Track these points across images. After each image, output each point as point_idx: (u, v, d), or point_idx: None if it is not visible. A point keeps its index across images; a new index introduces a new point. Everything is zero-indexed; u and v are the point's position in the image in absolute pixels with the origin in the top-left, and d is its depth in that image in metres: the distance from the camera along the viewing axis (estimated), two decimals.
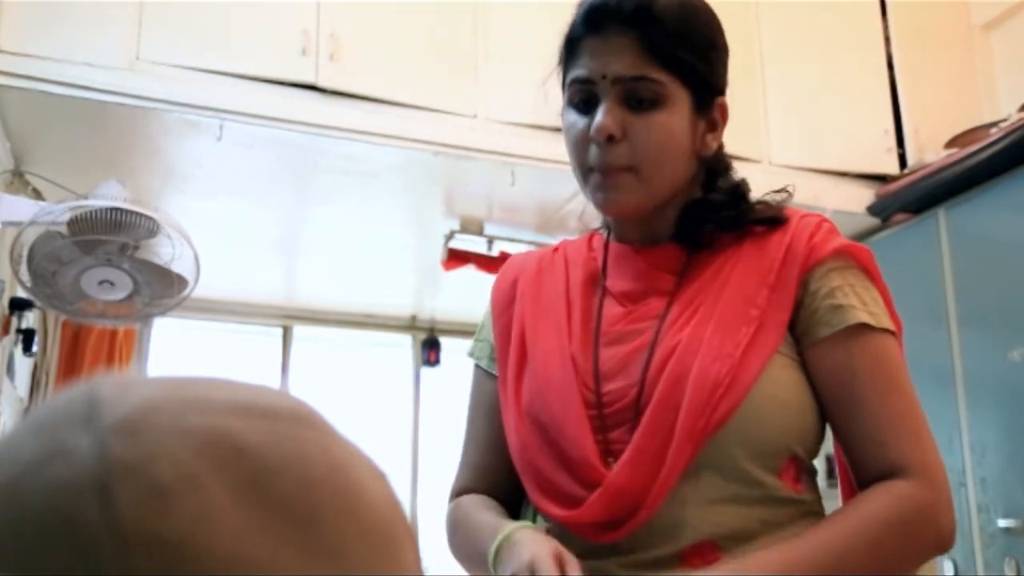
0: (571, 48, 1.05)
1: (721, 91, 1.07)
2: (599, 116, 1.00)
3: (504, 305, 1.14)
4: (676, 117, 1.01)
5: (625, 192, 1.02)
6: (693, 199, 1.07)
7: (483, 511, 1.06)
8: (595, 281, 1.10)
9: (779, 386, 0.96)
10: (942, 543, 0.95)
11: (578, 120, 1.04)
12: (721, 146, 1.10)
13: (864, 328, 0.97)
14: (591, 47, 1.02)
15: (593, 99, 1.02)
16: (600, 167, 1.01)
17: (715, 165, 1.09)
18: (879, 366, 0.97)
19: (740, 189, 1.09)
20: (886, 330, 0.99)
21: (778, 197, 1.09)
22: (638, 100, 1.00)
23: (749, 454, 0.94)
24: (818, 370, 0.98)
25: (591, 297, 1.08)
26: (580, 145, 1.03)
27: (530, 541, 0.93)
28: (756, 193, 1.11)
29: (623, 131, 1.00)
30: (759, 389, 0.94)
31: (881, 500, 0.93)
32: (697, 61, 1.02)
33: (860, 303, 0.98)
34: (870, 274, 1.02)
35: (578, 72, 1.03)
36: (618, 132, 1.00)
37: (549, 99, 1.13)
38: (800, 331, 0.99)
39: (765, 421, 0.94)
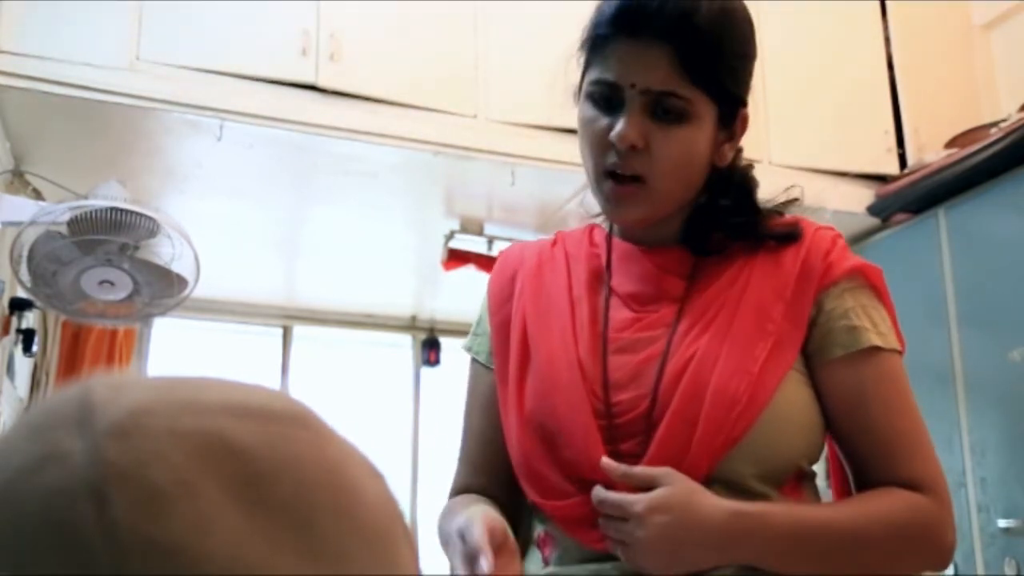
0: (596, 44, 1.01)
1: (745, 102, 1.05)
2: (622, 124, 0.97)
3: (502, 300, 1.12)
4: (699, 133, 0.99)
5: (635, 206, 1.00)
6: (700, 204, 1.06)
7: (469, 504, 1.03)
8: (599, 279, 1.08)
9: (792, 405, 0.96)
10: (942, 559, 0.96)
11: (598, 117, 1.00)
12: (740, 150, 1.08)
13: (875, 350, 0.97)
14: (622, 51, 0.98)
15: (615, 100, 0.99)
16: (615, 172, 0.99)
17: (731, 172, 1.07)
18: (888, 387, 0.98)
19: (747, 186, 1.08)
20: (893, 350, 0.99)
21: (783, 197, 1.09)
22: (664, 111, 0.97)
23: (758, 472, 0.94)
24: (828, 389, 0.98)
25: (596, 296, 1.06)
26: (598, 146, 1.00)
27: (474, 512, 0.91)
28: (758, 193, 1.10)
29: (645, 142, 0.97)
30: (773, 407, 0.94)
31: (893, 502, 0.94)
32: (728, 78, 1.00)
33: (871, 324, 0.98)
34: (879, 293, 1.02)
35: (604, 75, 0.99)
36: (641, 143, 0.97)
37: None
38: (812, 349, 0.99)
39: (778, 440, 0.95)
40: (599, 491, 0.91)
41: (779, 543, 0.91)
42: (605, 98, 0.99)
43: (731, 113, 1.03)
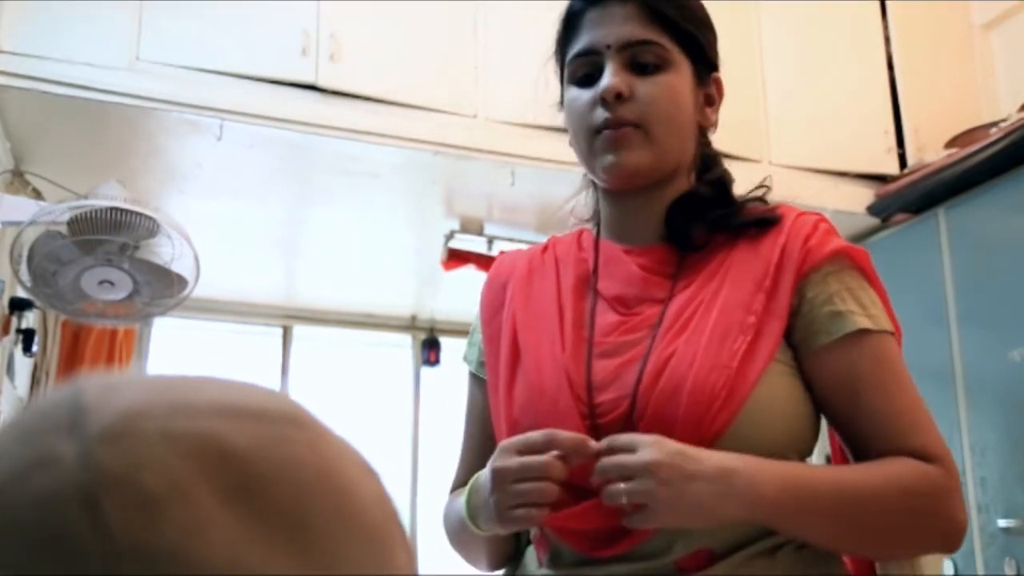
0: (570, 24, 1.07)
1: (716, 67, 1.09)
2: (606, 78, 1.01)
3: (494, 309, 1.12)
4: (680, 80, 1.03)
5: (634, 150, 1.01)
6: (681, 193, 1.07)
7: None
8: (586, 283, 1.08)
9: (775, 396, 0.95)
10: (952, 535, 0.94)
11: (582, 93, 1.04)
12: (717, 121, 1.11)
13: (863, 333, 0.96)
14: (592, 19, 1.04)
15: (596, 72, 1.03)
16: (608, 124, 1.01)
17: (709, 155, 1.09)
18: (881, 367, 0.96)
19: (724, 179, 1.09)
20: (884, 331, 0.98)
21: (759, 192, 1.09)
22: (642, 65, 1.02)
23: None
24: (819, 377, 0.97)
25: (582, 301, 1.06)
26: (586, 111, 1.03)
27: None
28: (748, 190, 1.10)
29: (631, 90, 1.01)
30: (756, 400, 0.93)
31: (906, 467, 0.92)
32: (695, 30, 1.05)
33: (859, 307, 0.97)
34: (867, 275, 1.00)
35: (580, 46, 1.04)
36: (626, 89, 1.00)
37: (549, 90, 1.12)
38: (798, 338, 0.98)
39: (762, 432, 0.93)
40: (603, 461, 0.89)
41: (779, 484, 0.88)
42: (587, 74, 1.04)
43: (704, 73, 1.07)
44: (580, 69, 1.05)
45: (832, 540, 0.93)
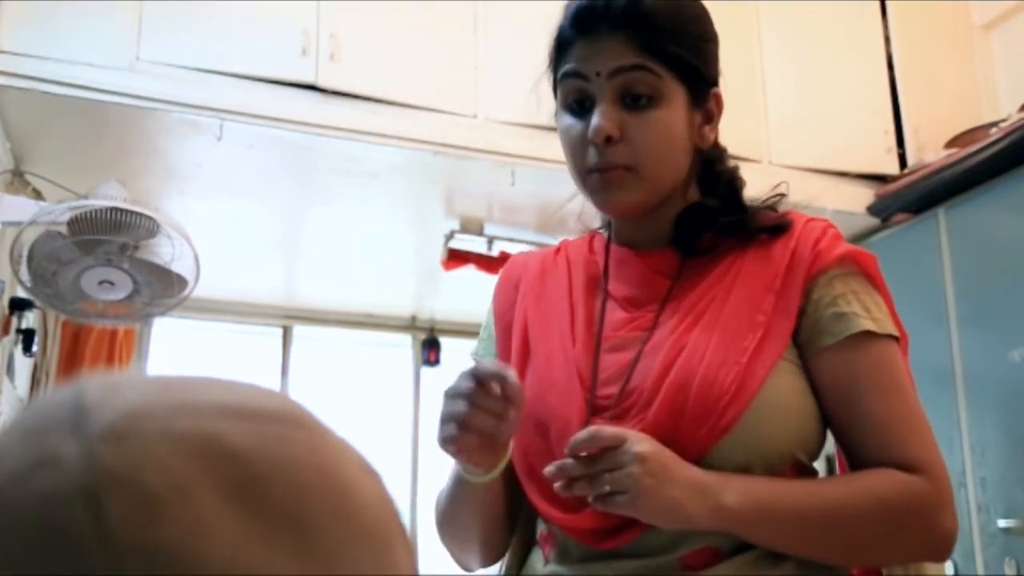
0: (561, 50, 1.05)
1: (715, 82, 1.07)
2: (596, 118, 0.99)
3: (506, 307, 1.14)
4: (673, 113, 1.01)
5: (625, 191, 1.01)
6: (690, 204, 1.07)
7: None
8: (596, 284, 1.10)
9: (783, 393, 0.95)
10: (939, 544, 0.94)
11: (574, 124, 1.03)
12: (725, 150, 1.11)
13: (866, 336, 0.97)
14: (584, 49, 1.01)
15: (587, 99, 1.01)
16: (599, 167, 1.00)
17: (711, 155, 1.09)
18: (881, 371, 0.97)
19: (734, 185, 1.09)
20: (889, 336, 0.98)
21: (774, 199, 1.09)
22: (634, 97, 0.99)
23: (752, 462, 0.94)
24: (820, 378, 0.98)
25: (593, 300, 1.08)
26: (578, 148, 1.02)
27: None
28: (755, 193, 1.11)
29: (621, 131, 0.99)
30: (763, 396, 0.93)
31: (884, 479, 0.93)
32: (690, 55, 1.01)
33: (863, 310, 0.98)
34: (874, 280, 1.01)
35: (570, 65, 1.02)
36: (616, 133, 0.99)
37: (542, 103, 1.12)
38: (803, 339, 0.98)
39: (769, 429, 0.94)
40: (596, 465, 0.91)
41: (741, 493, 0.90)
42: (578, 101, 1.02)
43: (702, 93, 1.04)
44: (571, 94, 1.03)
45: (803, 551, 0.94)
